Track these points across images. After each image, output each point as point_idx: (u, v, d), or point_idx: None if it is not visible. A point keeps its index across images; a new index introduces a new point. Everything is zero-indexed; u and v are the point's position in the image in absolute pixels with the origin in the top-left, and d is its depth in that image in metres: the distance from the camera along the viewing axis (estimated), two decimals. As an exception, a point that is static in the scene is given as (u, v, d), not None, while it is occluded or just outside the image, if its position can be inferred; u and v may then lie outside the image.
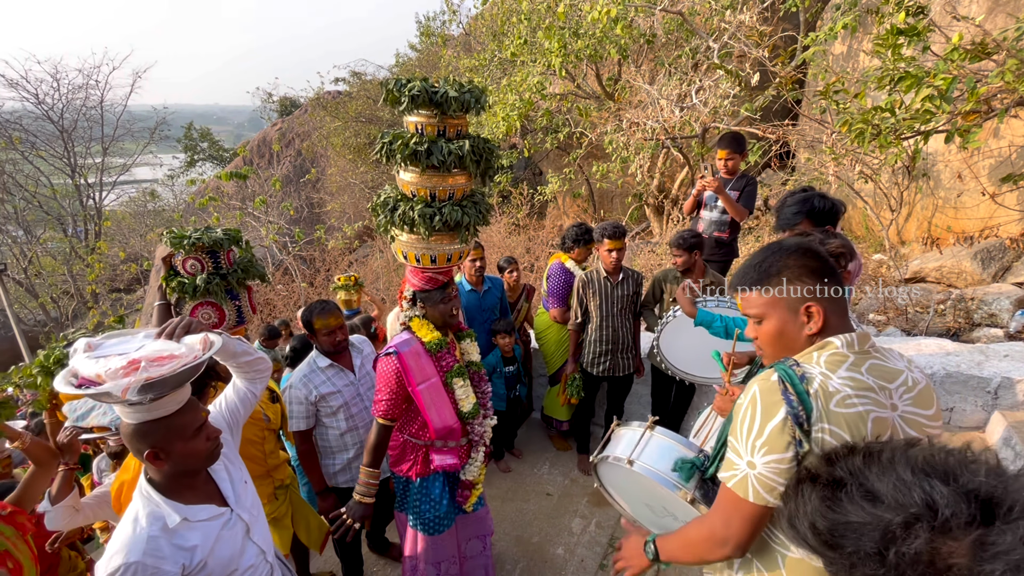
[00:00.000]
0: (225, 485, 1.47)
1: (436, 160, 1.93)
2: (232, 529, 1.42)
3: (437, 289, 2.13)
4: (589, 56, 6.38)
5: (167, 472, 1.34)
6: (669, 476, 1.51)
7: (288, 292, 8.88)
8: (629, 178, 7.39)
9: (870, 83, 3.87)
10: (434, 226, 2.00)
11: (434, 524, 2.26)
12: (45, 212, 16.56)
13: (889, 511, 0.60)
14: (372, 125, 11.27)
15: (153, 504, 1.32)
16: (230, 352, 1.55)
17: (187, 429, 1.32)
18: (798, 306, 1.11)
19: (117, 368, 1.16)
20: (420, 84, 1.89)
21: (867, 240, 5.81)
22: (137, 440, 1.28)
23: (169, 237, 2.15)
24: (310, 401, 2.40)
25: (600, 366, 3.36)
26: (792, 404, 1.02)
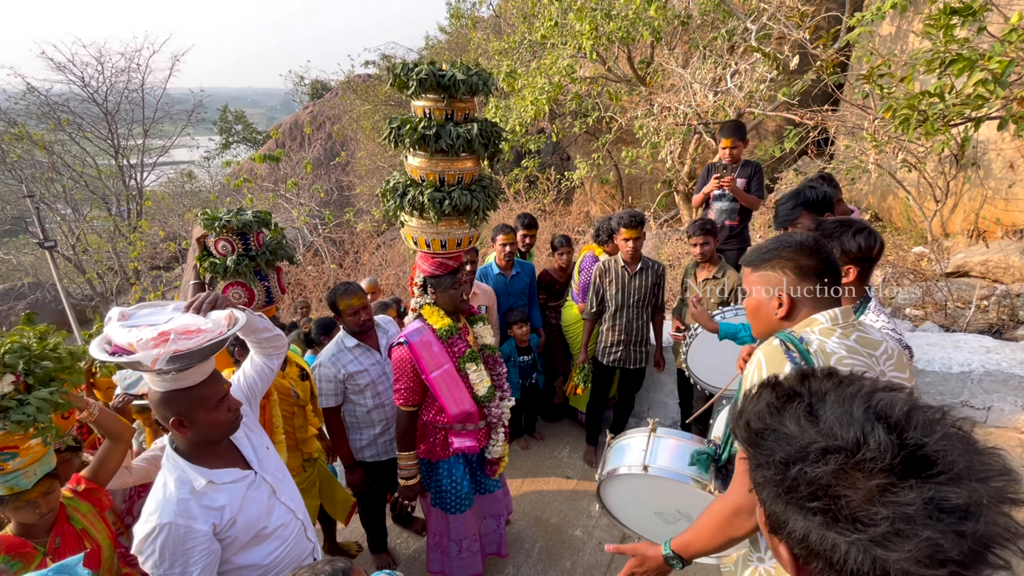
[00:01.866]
0: (247, 451, 1.55)
1: (445, 144, 1.93)
2: (258, 490, 1.50)
3: (447, 274, 2.15)
4: (621, 38, 6.24)
5: (191, 439, 1.42)
6: (688, 472, 1.52)
7: (318, 273, 9.10)
8: (659, 164, 7.25)
9: (919, 66, 3.68)
10: (444, 211, 2.01)
11: (455, 504, 2.33)
12: (91, 191, 17.28)
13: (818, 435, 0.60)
14: (401, 108, 11.32)
15: (180, 470, 1.40)
16: (252, 328, 1.62)
17: (210, 400, 1.39)
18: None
19: (148, 339, 1.23)
20: (427, 68, 1.89)
21: (908, 232, 5.58)
22: (164, 407, 1.36)
23: (202, 218, 2.23)
24: (338, 379, 2.48)
25: (611, 356, 3.34)
26: (795, 361, 1.12)
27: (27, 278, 16.95)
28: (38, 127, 15.77)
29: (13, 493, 1.59)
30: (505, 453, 2.42)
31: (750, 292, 1.33)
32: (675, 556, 1.26)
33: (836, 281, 1.25)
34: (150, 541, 1.30)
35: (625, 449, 1.68)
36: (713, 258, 3.06)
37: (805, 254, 1.23)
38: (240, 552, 1.44)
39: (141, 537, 1.31)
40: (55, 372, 1.62)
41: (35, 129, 15.48)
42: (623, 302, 3.23)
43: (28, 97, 15.57)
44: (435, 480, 2.34)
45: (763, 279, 1.28)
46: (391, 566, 2.89)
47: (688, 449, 1.57)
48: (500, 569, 2.76)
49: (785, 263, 1.25)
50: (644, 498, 1.71)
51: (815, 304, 1.23)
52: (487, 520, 2.56)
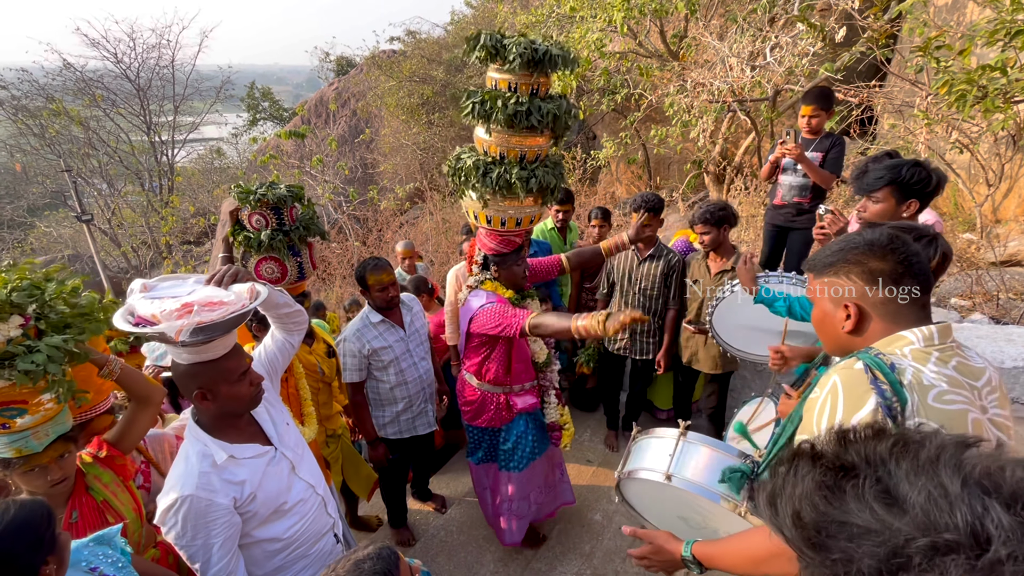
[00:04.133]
0: (268, 426, 1.55)
1: (535, 120, 1.92)
2: (277, 465, 1.50)
3: (513, 252, 2.18)
4: (654, 11, 5.97)
5: (213, 413, 1.41)
6: (716, 490, 1.39)
7: (342, 250, 9.17)
8: (689, 144, 7.00)
9: (978, 38, 3.41)
10: (531, 188, 2.00)
11: (520, 459, 2.45)
12: (125, 167, 17.71)
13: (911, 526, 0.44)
14: (425, 85, 11.19)
15: (201, 444, 1.40)
16: (273, 303, 1.61)
17: (233, 373, 1.38)
18: (840, 302, 1.08)
19: (172, 310, 1.22)
20: (524, 40, 1.87)
21: (956, 217, 5.28)
22: (187, 380, 1.36)
23: (236, 192, 2.22)
24: (363, 355, 2.48)
25: (617, 343, 3.25)
26: (884, 394, 0.92)
27: (67, 250, 17.60)
28: (74, 103, 16.15)
29: (21, 455, 1.43)
30: (565, 419, 2.55)
31: (815, 303, 1.15)
32: (695, 561, 1.18)
33: (923, 288, 1.05)
34: (172, 512, 1.31)
35: (649, 449, 1.56)
36: (723, 247, 2.84)
37: (876, 255, 1.04)
38: (260, 526, 1.45)
39: (164, 508, 1.32)
40: (72, 318, 1.48)
41: (71, 105, 15.86)
42: (628, 287, 3.12)
43: (64, 73, 15.92)
44: (501, 444, 2.46)
45: (828, 286, 1.10)
46: (410, 541, 2.92)
47: (720, 462, 1.43)
48: (517, 552, 2.76)
49: (852, 267, 1.06)
50: (666, 501, 1.61)
51: (895, 317, 1.04)
52: (553, 471, 2.70)
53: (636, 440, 1.63)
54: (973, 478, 0.45)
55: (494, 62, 1.96)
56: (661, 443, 1.54)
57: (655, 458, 1.51)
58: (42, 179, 17.79)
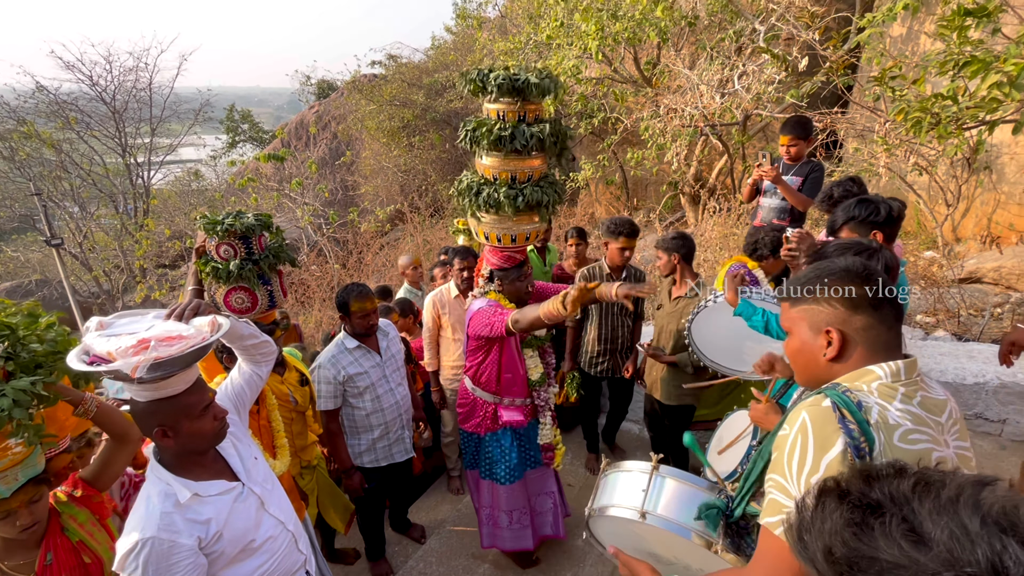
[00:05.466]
0: (234, 461, 1.51)
1: (519, 144, 2.07)
2: (245, 502, 1.46)
3: (514, 267, 2.30)
4: (627, 39, 6.17)
5: (175, 450, 1.37)
6: (693, 527, 1.35)
7: (322, 273, 9.08)
8: (664, 166, 7.18)
9: (931, 68, 3.60)
10: (518, 206, 2.16)
11: (506, 474, 2.47)
12: (99, 190, 17.36)
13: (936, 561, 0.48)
14: (406, 108, 11.31)
15: (164, 483, 1.36)
16: (237, 335, 1.57)
17: (194, 408, 1.35)
18: (820, 328, 1.06)
19: (127, 347, 1.19)
20: (503, 73, 2.04)
21: (919, 236, 5.49)
22: (146, 417, 1.32)
23: (203, 222, 2.20)
24: (338, 381, 2.45)
25: (598, 366, 3.27)
26: (852, 435, 0.92)
27: (34, 275, 17.08)
28: (47, 125, 15.87)
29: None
30: (558, 440, 2.58)
31: (790, 333, 1.13)
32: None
33: (897, 315, 1.04)
34: (132, 557, 1.25)
35: (621, 483, 1.52)
36: (685, 275, 2.89)
37: (854, 281, 1.04)
38: (228, 566, 1.40)
39: (124, 552, 1.26)
40: (43, 358, 1.44)
41: (44, 127, 15.58)
42: (607, 309, 3.17)
43: (37, 96, 15.66)
44: (485, 452, 2.50)
45: (806, 315, 1.08)
46: (388, 574, 2.84)
47: (695, 497, 1.40)
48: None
49: (832, 291, 1.05)
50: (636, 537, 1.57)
51: (873, 345, 1.03)
52: (540, 497, 2.66)
53: (605, 474, 1.60)
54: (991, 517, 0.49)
55: (483, 94, 2.11)
56: (632, 478, 1.50)
57: (627, 494, 1.47)
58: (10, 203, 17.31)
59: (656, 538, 1.48)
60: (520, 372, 2.42)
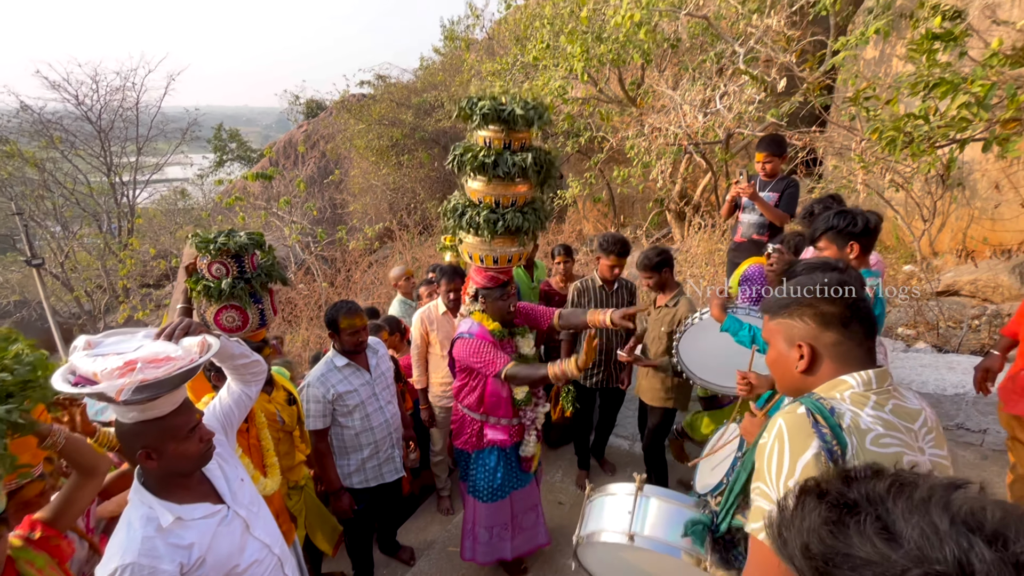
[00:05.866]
0: (220, 483, 1.49)
1: (502, 171, 2.14)
2: (230, 526, 1.43)
3: (498, 287, 2.36)
4: (612, 61, 6.33)
5: (159, 472, 1.35)
6: (681, 546, 1.36)
7: (309, 292, 9.02)
8: (650, 183, 7.31)
9: (903, 89, 3.75)
10: (497, 230, 2.22)
11: (488, 493, 2.51)
12: (82, 209, 17.14)
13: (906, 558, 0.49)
14: (394, 128, 11.41)
15: (146, 506, 1.33)
16: (228, 354, 1.57)
17: (180, 430, 1.33)
18: (794, 342, 1.13)
19: (113, 368, 1.18)
20: (489, 103, 2.10)
21: (897, 251, 5.63)
22: (130, 439, 1.30)
23: (195, 241, 2.19)
24: (327, 400, 2.43)
25: (594, 378, 3.31)
26: (825, 438, 0.97)
27: (13, 296, 16.70)
28: (30, 144, 15.70)
29: None
30: (538, 452, 2.63)
31: (770, 343, 1.19)
32: None
33: (868, 331, 1.10)
34: None
35: (607, 508, 1.53)
36: (668, 286, 2.98)
37: (827, 299, 1.09)
38: None
39: None
40: (15, 386, 1.39)
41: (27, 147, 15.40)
42: None
43: (21, 115, 15.53)
44: (471, 470, 2.54)
45: (782, 328, 1.14)
46: (378, 597, 2.79)
47: (680, 515, 1.42)
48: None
49: (805, 309, 1.11)
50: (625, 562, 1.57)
51: (844, 359, 1.08)
52: (527, 515, 2.70)
53: (591, 499, 1.60)
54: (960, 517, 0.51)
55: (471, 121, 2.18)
56: (617, 501, 1.51)
57: (614, 518, 1.48)
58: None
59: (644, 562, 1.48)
60: (504, 394, 2.43)
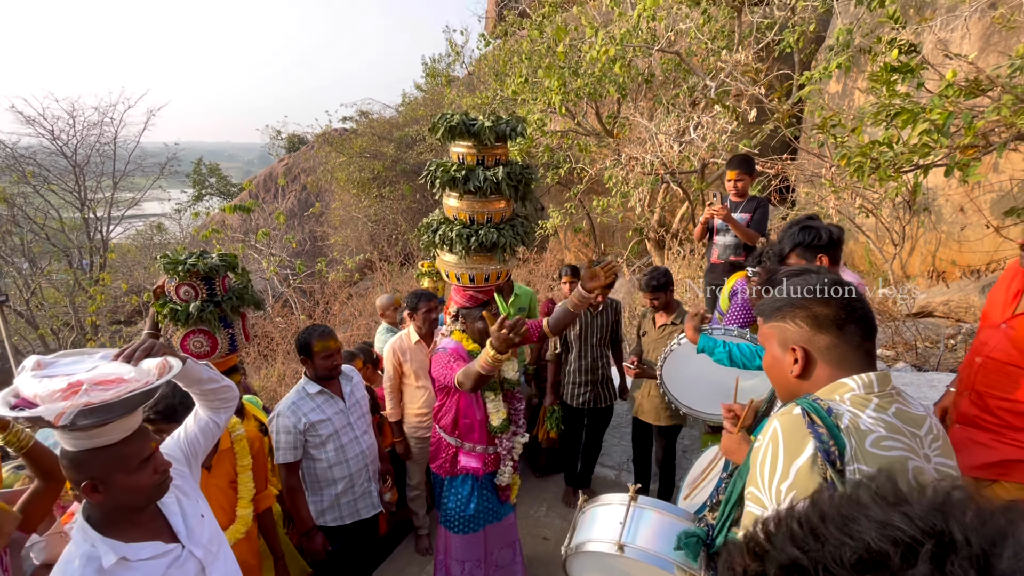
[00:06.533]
0: (176, 519, 1.36)
1: (472, 186, 2.10)
2: (182, 568, 1.30)
3: (477, 307, 2.28)
4: (588, 94, 6.51)
5: (106, 507, 1.23)
6: (672, 558, 1.30)
7: (287, 324, 8.81)
8: (629, 213, 7.43)
9: (867, 119, 3.90)
10: (471, 247, 2.16)
11: (459, 524, 2.36)
12: (52, 244, 16.68)
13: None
14: (376, 160, 11.49)
15: (88, 543, 1.20)
16: (193, 378, 1.46)
17: (132, 460, 1.21)
18: (788, 345, 1.09)
19: (55, 390, 1.07)
20: (458, 117, 2.09)
21: (871, 274, 5.76)
22: (74, 470, 1.18)
23: (164, 262, 2.11)
24: (298, 430, 2.31)
25: (580, 398, 3.29)
26: (822, 439, 0.92)
27: (-27, 335, 15.94)
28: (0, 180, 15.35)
29: None
30: (517, 482, 2.48)
31: (765, 347, 1.16)
32: None
33: (866, 333, 1.06)
34: None
35: (599, 518, 1.47)
36: (670, 307, 3.08)
37: (820, 301, 1.06)
38: None
39: None
40: None
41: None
42: (586, 340, 3.24)
43: (-9, 151, 15.23)
44: (444, 497, 2.41)
45: (776, 331, 1.11)
46: (351, 647, 2.59)
47: (674, 528, 1.36)
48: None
49: (798, 311, 1.08)
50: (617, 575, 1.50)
51: (840, 362, 1.04)
52: (503, 551, 2.52)
53: (583, 510, 1.53)
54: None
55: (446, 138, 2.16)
56: (610, 511, 1.45)
57: (604, 528, 1.41)
58: (-48, 260, 16.40)
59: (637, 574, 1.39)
60: (478, 417, 2.32)
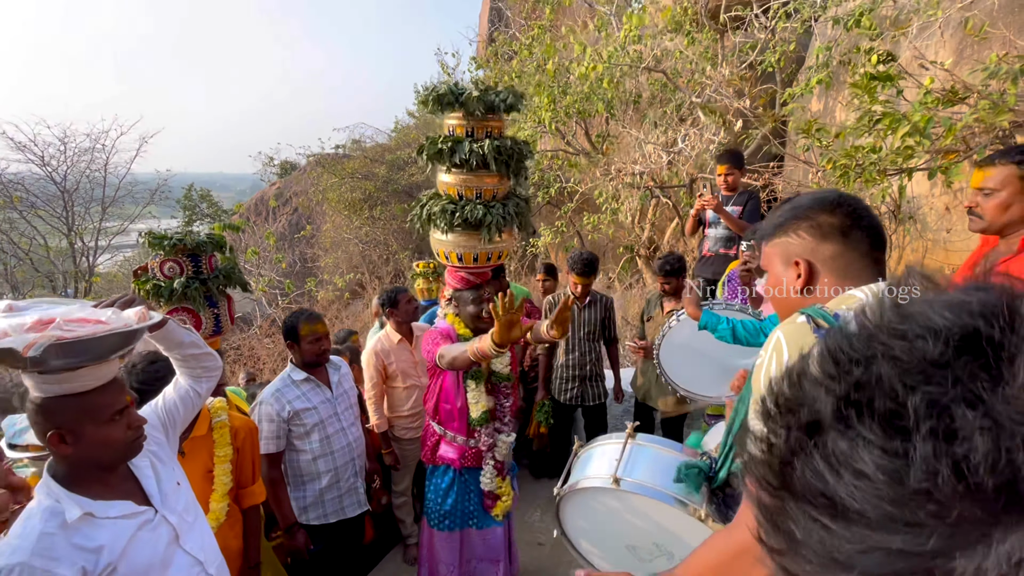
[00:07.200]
0: (149, 483, 1.27)
1: (459, 159, 2.05)
2: (154, 532, 1.21)
3: (469, 289, 2.21)
4: (578, 112, 6.66)
5: (73, 460, 1.15)
6: (671, 491, 1.22)
7: (274, 344, 8.64)
8: (622, 232, 7.50)
9: (849, 130, 4.01)
10: (454, 222, 2.09)
11: (436, 517, 2.25)
12: (36, 270, 16.41)
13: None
14: (367, 181, 11.58)
15: (53, 498, 1.12)
16: (175, 341, 1.40)
17: (104, 411, 1.14)
18: (790, 260, 1.05)
19: (25, 323, 1.01)
20: (446, 86, 2.05)
21: (860, 284, 5.81)
22: (41, 417, 1.10)
23: (148, 238, 2.06)
24: (282, 418, 2.21)
25: (568, 392, 3.27)
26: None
27: (-52, 363, 15.47)
28: (-14, 205, 15.17)
29: None
30: (505, 491, 2.29)
31: (767, 271, 1.11)
32: None
33: (874, 242, 1.01)
34: None
35: (594, 458, 1.39)
36: (680, 292, 3.11)
37: (825, 209, 1.01)
38: None
39: None
40: None
41: (-18, 207, 14.88)
42: (574, 334, 3.23)
43: (-20, 176, 15.10)
44: (426, 487, 2.32)
45: (778, 248, 1.07)
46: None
47: (674, 461, 1.29)
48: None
49: (800, 223, 1.04)
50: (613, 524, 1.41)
51: (845, 272, 0.99)
52: (482, 564, 2.33)
53: (578, 455, 1.46)
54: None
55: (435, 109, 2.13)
56: (606, 449, 1.38)
57: (600, 466, 1.33)
58: (-69, 286, 16.04)
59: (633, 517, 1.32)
60: (458, 404, 2.21)
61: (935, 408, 0.28)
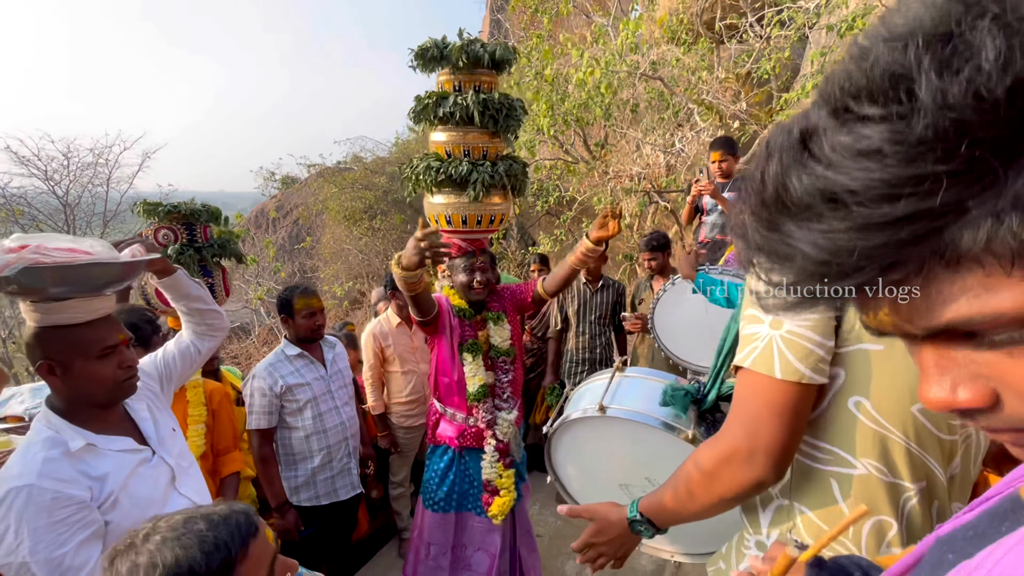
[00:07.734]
0: (146, 425, 1.26)
1: (444, 113, 2.00)
2: (154, 469, 1.19)
3: (461, 257, 2.12)
4: (576, 120, 6.74)
5: (66, 394, 1.14)
6: (658, 415, 1.18)
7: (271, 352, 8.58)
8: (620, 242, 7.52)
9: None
10: (437, 179, 2.04)
11: (429, 496, 2.17)
12: (35, 283, 16.42)
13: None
14: (368, 191, 11.67)
15: (52, 429, 1.10)
16: (182, 291, 1.42)
17: (93, 346, 1.12)
18: None
19: (6, 246, 1.01)
20: (431, 40, 2.03)
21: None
22: (33, 345, 1.10)
23: (143, 205, 2.06)
24: (274, 393, 2.17)
25: (577, 377, 3.23)
26: None
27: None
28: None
29: None
30: (506, 485, 2.11)
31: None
32: (643, 520, 0.95)
33: None
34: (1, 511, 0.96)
35: (583, 396, 1.36)
36: (666, 270, 3.16)
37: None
38: None
39: None
40: None
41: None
42: (584, 317, 3.23)
43: (-17, 189, 15.23)
44: (425, 466, 2.24)
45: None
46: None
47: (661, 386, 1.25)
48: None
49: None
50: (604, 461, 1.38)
51: None
52: (477, 554, 2.19)
53: (568, 398, 1.43)
54: None
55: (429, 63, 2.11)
56: (594, 384, 1.35)
57: (588, 399, 1.31)
58: (-69, 296, 16.03)
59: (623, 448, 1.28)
60: (455, 377, 2.10)
61: (934, 38, 0.26)
